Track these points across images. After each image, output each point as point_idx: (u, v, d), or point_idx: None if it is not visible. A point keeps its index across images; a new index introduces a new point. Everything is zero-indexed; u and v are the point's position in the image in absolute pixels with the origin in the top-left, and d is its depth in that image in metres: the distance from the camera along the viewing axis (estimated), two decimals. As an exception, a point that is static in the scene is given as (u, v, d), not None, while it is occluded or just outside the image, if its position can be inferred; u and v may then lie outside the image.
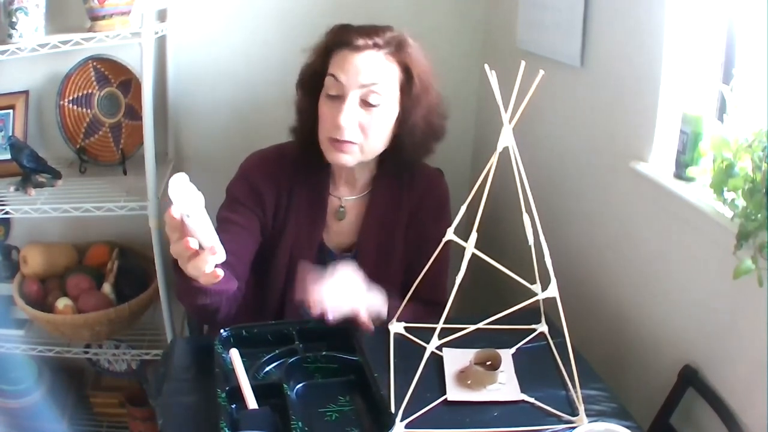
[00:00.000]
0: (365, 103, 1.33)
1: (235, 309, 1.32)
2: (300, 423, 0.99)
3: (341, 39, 1.35)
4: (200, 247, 0.98)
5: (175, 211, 0.94)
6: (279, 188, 1.43)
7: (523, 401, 1.11)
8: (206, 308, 1.23)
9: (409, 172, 1.48)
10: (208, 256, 0.97)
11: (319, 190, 1.45)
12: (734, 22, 1.19)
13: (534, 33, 1.68)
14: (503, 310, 1.06)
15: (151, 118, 1.68)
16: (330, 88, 1.34)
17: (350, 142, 1.34)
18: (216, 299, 1.21)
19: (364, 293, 1.28)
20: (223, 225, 1.37)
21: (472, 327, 1.11)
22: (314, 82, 1.38)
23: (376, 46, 1.33)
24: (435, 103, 1.42)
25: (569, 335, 1.09)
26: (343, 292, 1.22)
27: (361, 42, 1.32)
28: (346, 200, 1.48)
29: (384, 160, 1.43)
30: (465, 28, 2.02)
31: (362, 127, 1.34)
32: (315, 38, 1.41)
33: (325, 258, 1.48)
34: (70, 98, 1.90)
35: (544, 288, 1.05)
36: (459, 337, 1.10)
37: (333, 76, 1.33)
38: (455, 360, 1.20)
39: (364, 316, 1.25)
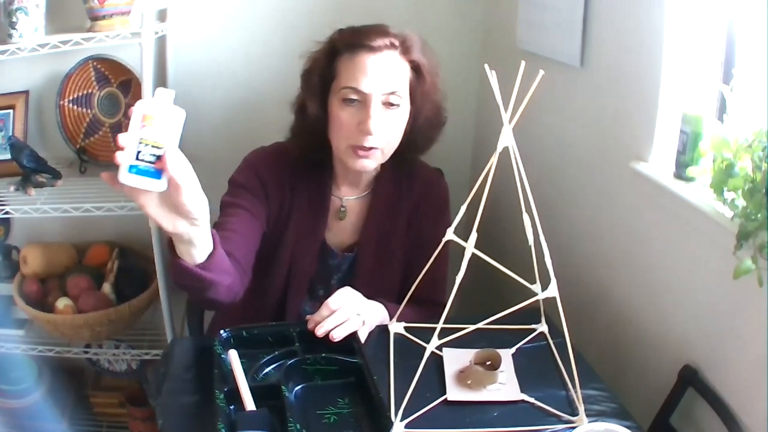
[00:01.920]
0: (386, 105, 1.32)
1: (240, 290, 1.27)
2: (298, 425, 0.99)
3: (354, 41, 1.32)
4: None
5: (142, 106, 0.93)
6: (283, 184, 1.43)
7: (523, 401, 1.11)
8: (197, 292, 1.17)
9: (410, 169, 1.48)
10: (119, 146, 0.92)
11: (320, 190, 1.45)
12: (734, 22, 1.19)
13: (534, 33, 1.68)
14: (503, 310, 1.06)
15: (151, 118, 1.68)
16: (348, 95, 1.31)
17: (375, 147, 1.33)
18: (207, 284, 1.14)
19: (365, 308, 1.27)
20: (228, 209, 1.36)
21: (472, 327, 1.11)
22: (321, 87, 1.36)
23: (392, 45, 1.32)
24: (440, 97, 1.42)
25: (569, 335, 1.09)
26: (343, 313, 1.21)
27: (379, 42, 1.31)
28: (347, 200, 1.48)
29: (390, 158, 1.42)
30: (465, 28, 2.02)
31: (384, 130, 1.33)
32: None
33: (326, 257, 1.48)
34: (70, 98, 1.90)
35: (544, 288, 1.05)
36: (459, 337, 1.10)
37: (352, 87, 1.30)
38: (455, 360, 1.20)
39: (364, 332, 1.25)
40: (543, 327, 1.30)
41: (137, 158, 0.93)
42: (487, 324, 1.07)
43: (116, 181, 0.93)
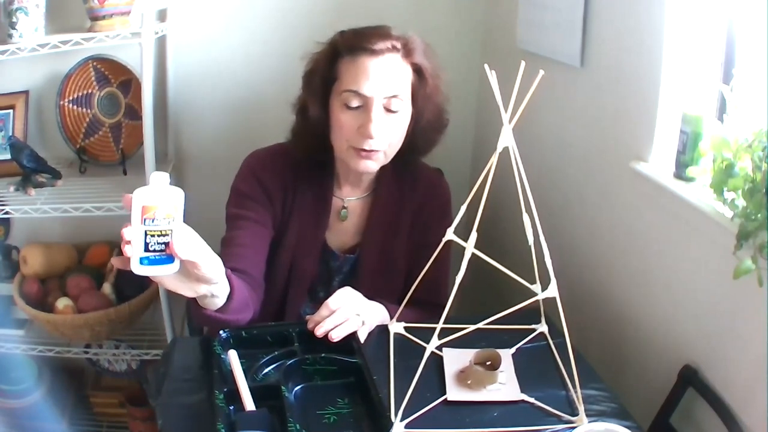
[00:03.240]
0: (388, 110, 1.32)
1: (258, 308, 1.32)
2: (297, 425, 0.99)
3: (356, 44, 1.31)
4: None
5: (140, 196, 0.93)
6: (285, 186, 1.43)
7: (523, 401, 1.11)
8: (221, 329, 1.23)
9: (412, 170, 1.48)
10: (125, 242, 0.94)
11: (322, 191, 1.45)
12: (734, 22, 1.19)
13: (534, 33, 1.68)
14: (503, 310, 1.06)
15: (151, 118, 1.68)
16: (349, 98, 1.31)
17: (377, 150, 1.33)
18: (230, 325, 1.20)
19: (365, 308, 1.27)
20: (235, 222, 1.37)
21: (472, 327, 1.11)
22: (322, 88, 1.36)
23: (394, 48, 1.32)
24: (442, 100, 1.42)
25: (569, 335, 1.09)
26: (343, 313, 1.21)
27: (380, 45, 1.30)
28: (349, 201, 1.48)
29: (391, 159, 1.42)
30: (465, 28, 2.02)
31: (386, 133, 1.33)
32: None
33: (327, 259, 1.48)
34: (70, 98, 1.90)
35: (544, 288, 1.04)
36: (459, 337, 1.10)
37: (353, 91, 1.30)
38: (455, 360, 1.20)
39: (364, 332, 1.25)
40: (543, 327, 1.30)
41: (146, 249, 0.95)
42: (487, 324, 1.07)
43: (127, 265, 0.96)
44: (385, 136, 1.33)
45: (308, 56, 1.40)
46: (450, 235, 1.06)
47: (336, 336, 1.17)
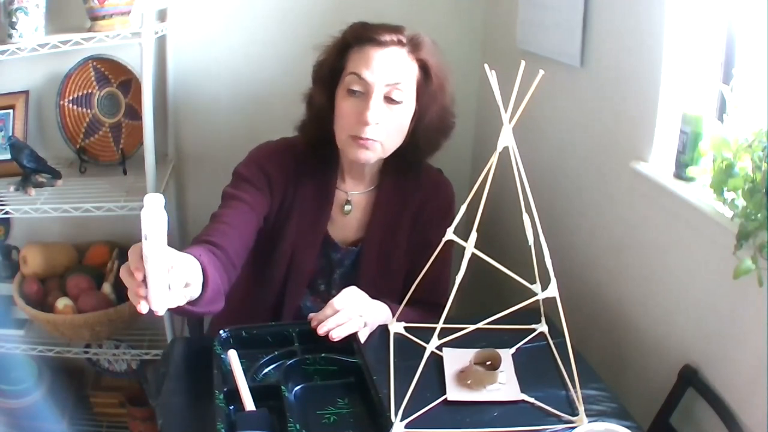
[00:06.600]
0: (388, 100, 1.33)
1: (228, 289, 1.26)
2: (297, 425, 0.99)
3: (363, 35, 1.35)
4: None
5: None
6: (288, 178, 1.43)
7: (523, 401, 1.11)
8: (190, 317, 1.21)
9: (415, 169, 1.48)
10: (141, 298, 0.93)
11: (325, 184, 1.45)
12: (734, 22, 1.19)
13: (534, 33, 1.68)
14: (503, 310, 1.06)
15: (151, 118, 1.68)
16: (351, 84, 1.33)
17: (373, 139, 1.34)
18: (202, 315, 1.19)
19: (369, 309, 1.27)
20: (228, 201, 1.37)
21: (472, 327, 1.11)
22: (330, 78, 1.38)
23: (399, 42, 1.34)
24: (448, 101, 1.43)
25: (569, 335, 1.09)
26: (346, 313, 1.21)
27: (386, 38, 1.33)
28: (353, 195, 1.48)
29: (393, 155, 1.42)
30: (465, 28, 2.02)
31: (385, 124, 1.34)
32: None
33: (329, 251, 1.48)
34: (70, 98, 1.90)
35: (544, 288, 1.04)
36: (459, 337, 1.10)
37: (356, 74, 1.32)
38: (455, 360, 1.20)
39: (364, 333, 1.25)
40: (543, 327, 1.30)
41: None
42: (487, 324, 1.07)
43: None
44: (383, 126, 1.33)
45: (320, 47, 1.41)
46: (450, 234, 1.06)
47: (336, 336, 1.17)
